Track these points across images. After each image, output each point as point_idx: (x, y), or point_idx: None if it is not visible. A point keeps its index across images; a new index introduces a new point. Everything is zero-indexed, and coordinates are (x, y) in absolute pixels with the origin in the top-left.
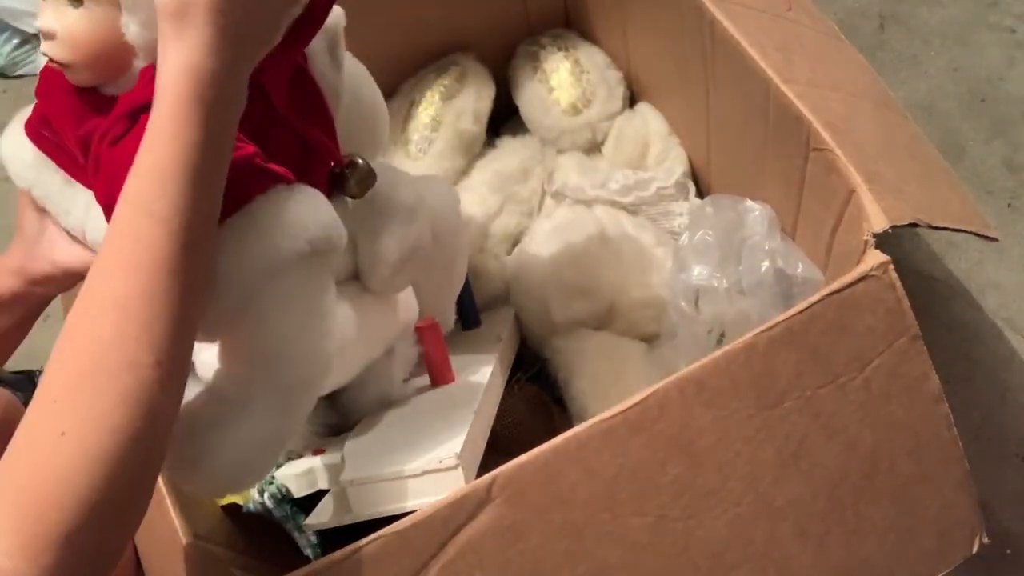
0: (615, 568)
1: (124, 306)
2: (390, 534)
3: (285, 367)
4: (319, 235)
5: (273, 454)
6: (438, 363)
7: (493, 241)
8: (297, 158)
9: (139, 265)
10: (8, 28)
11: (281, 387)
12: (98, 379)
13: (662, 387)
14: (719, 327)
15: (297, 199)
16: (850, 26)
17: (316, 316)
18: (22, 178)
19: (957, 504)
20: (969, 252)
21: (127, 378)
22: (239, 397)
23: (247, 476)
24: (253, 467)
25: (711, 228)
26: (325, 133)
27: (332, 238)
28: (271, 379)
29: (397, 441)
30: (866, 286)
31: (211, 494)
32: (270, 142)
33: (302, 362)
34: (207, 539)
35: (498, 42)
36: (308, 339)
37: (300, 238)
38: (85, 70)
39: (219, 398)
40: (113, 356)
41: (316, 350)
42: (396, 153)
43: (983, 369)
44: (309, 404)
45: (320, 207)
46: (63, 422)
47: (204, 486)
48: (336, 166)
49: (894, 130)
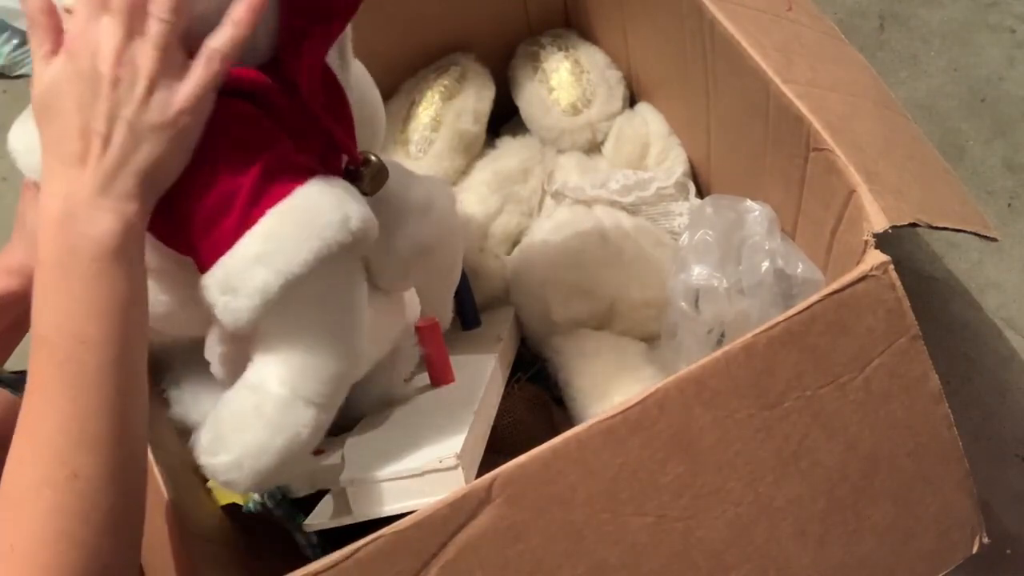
0: (615, 568)
1: (33, 426)
2: (390, 534)
3: (323, 360)
4: (361, 226)
5: (310, 448)
6: (438, 363)
7: (493, 241)
8: (320, 155)
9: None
10: (8, 28)
11: (320, 380)
12: (26, 496)
13: (662, 387)
14: (719, 327)
15: (335, 191)
16: (850, 26)
17: (352, 309)
18: (35, 171)
19: (957, 504)
20: (969, 252)
21: (47, 493)
22: (279, 392)
23: (285, 471)
24: (292, 462)
25: (711, 228)
26: (346, 131)
27: (370, 229)
28: (310, 372)
29: (397, 441)
30: (866, 286)
31: (249, 489)
32: (301, 139)
33: (341, 355)
34: (207, 539)
35: (498, 42)
36: (346, 332)
37: (345, 228)
38: None
39: (257, 393)
40: (30, 474)
41: (353, 343)
42: (396, 153)
43: (983, 369)
44: (342, 398)
45: (358, 198)
46: (9, 536)
47: (244, 482)
48: (351, 163)
49: (894, 130)
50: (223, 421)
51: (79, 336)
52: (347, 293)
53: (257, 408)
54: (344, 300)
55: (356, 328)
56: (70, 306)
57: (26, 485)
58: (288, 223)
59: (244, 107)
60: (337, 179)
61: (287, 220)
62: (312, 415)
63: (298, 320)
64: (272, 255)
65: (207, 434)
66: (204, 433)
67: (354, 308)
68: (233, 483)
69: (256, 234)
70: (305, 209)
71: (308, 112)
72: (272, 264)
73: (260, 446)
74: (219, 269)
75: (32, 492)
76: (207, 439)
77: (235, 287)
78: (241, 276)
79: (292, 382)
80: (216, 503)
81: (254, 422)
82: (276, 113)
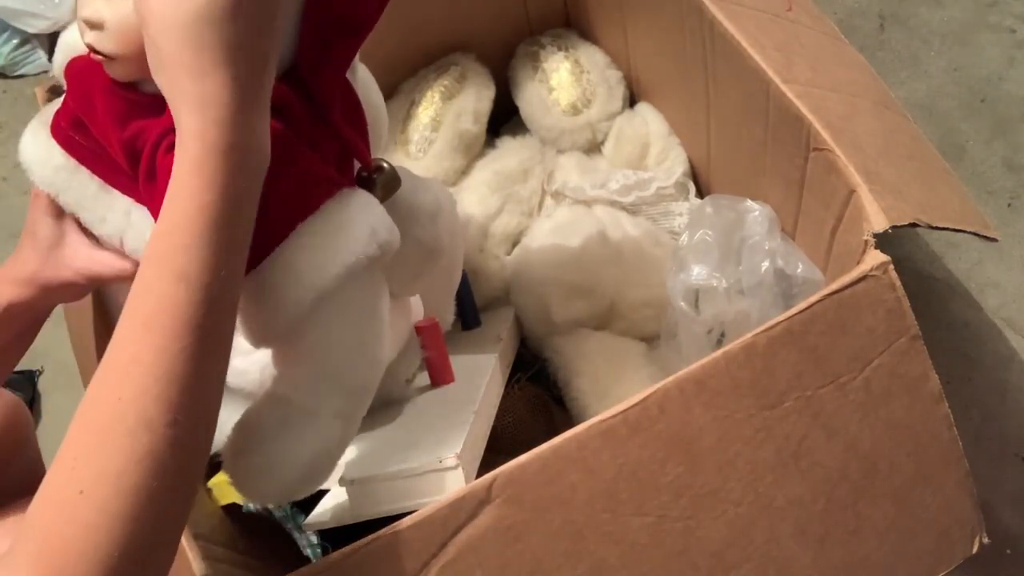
0: (615, 568)
1: (141, 366)
2: (390, 534)
3: (350, 372)
4: (388, 238)
5: (337, 458)
6: (438, 363)
7: (493, 241)
8: (337, 164)
9: (159, 325)
10: (8, 28)
11: (345, 391)
12: (115, 438)
13: (662, 387)
14: (719, 327)
15: (361, 204)
16: (850, 26)
17: (377, 320)
18: (50, 184)
19: (957, 504)
20: (969, 252)
21: (143, 437)
22: (305, 404)
23: (313, 481)
24: (319, 472)
25: (711, 228)
26: (361, 138)
27: (395, 240)
28: (337, 384)
29: (397, 441)
30: (866, 286)
31: (277, 501)
32: (319, 149)
33: (365, 366)
34: (207, 539)
35: (498, 42)
36: (371, 342)
37: (373, 242)
38: (132, 63)
39: (284, 405)
40: (130, 416)
41: (377, 354)
42: (396, 153)
43: (983, 369)
44: (365, 409)
45: (382, 211)
46: (82, 481)
47: (272, 494)
48: (363, 170)
49: (894, 130)
50: (249, 435)
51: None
52: (372, 304)
53: (283, 421)
54: (369, 311)
55: (380, 337)
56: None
57: (120, 423)
58: (317, 238)
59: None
60: (360, 191)
61: (316, 236)
62: (338, 427)
63: (325, 333)
64: (302, 271)
65: (233, 448)
66: (229, 446)
67: (378, 318)
68: (261, 496)
69: (286, 249)
70: (334, 224)
71: (327, 121)
72: (302, 280)
73: (287, 460)
74: (248, 283)
75: (125, 434)
76: (233, 453)
77: (265, 302)
78: (272, 291)
79: (318, 395)
80: (216, 503)
81: (281, 435)
82: (295, 123)
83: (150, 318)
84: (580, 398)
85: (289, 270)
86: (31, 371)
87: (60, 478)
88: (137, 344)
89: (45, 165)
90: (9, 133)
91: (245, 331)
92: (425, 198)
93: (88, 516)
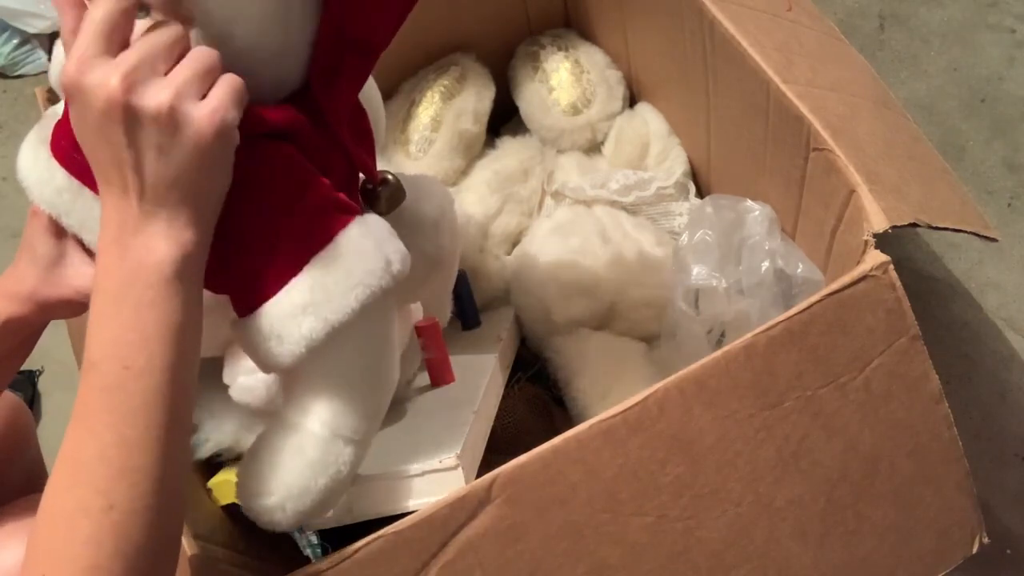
0: (615, 568)
1: (75, 455)
2: (390, 534)
3: (363, 398)
4: (401, 268)
5: (348, 485)
6: (438, 363)
7: (493, 241)
8: (346, 181)
9: (98, 415)
10: (8, 28)
11: (359, 417)
12: (60, 523)
13: (662, 387)
14: (719, 327)
15: (374, 232)
16: (850, 26)
17: (388, 345)
18: (52, 206)
19: (957, 504)
20: (969, 252)
21: (83, 522)
22: (320, 432)
23: (328, 506)
24: (334, 496)
25: (711, 228)
26: (367, 152)
27: (407, 270)
28: (351, 410)
29: (397, 441)
30: (866, 286)
31: (293, 527)
32: (329, 169)
33: (378, 390)
34: (207, 539)
35: (498, 42)
36: (383, 366)
37: (388, 273)
38: None
39: (297, 434)
40: (69, 502)
41: (389, 377)
42: (396, 153)
43: (983, 369)
44: (376, 430)
45: (394, 237)
46: (41, 564)
47: (287, 523)
48: (368, 182)
49: (894, 130)
50: (263, 462)
51: (126, 363)
52: (383, 330)
53: (298, 449)
54: (380, 337)
55: (391, 360)
56: (119, 334)
57: (62, 512)
58: (332, 271)
59: (284, 149)
60: (372, 217)
61: (331, 268)
62: (352, 452)
63: (338, 361)
64: (318, 304)
65: (246, 475)
66: (243, 474)
67: (389, 342)
68: (276, 524)
69: (301, 282)
70: (349, 256)
71: (335, 138)
72: (318, 313)
73: (303, 487)
74: (263, 317)
75: (67, 520)
76: (247, 480)
77: (280, 335)
78: (286, 324)
79: (333, 422)
80: (216, 503)
81: (296, 463)
82: (306, 146)
83: (88, 408)
84: (580, 398)
85: (303, 304)
86: (31, 371)
87: (27, 561)
88: (73, 434)
89: (47, 186)
90: (9, 133)
91: (256, 361)
92: (428, 207)
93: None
